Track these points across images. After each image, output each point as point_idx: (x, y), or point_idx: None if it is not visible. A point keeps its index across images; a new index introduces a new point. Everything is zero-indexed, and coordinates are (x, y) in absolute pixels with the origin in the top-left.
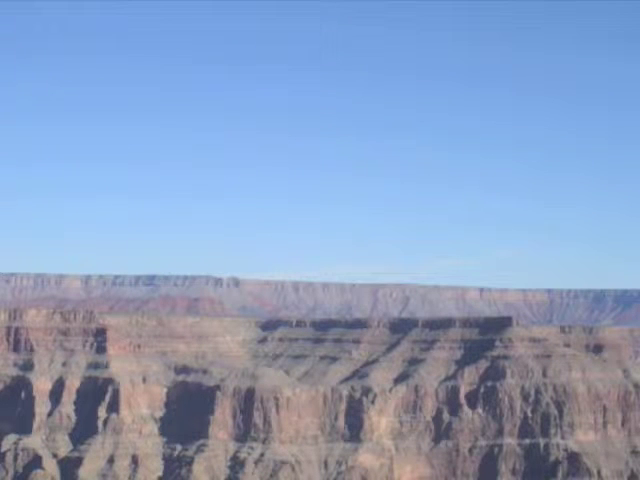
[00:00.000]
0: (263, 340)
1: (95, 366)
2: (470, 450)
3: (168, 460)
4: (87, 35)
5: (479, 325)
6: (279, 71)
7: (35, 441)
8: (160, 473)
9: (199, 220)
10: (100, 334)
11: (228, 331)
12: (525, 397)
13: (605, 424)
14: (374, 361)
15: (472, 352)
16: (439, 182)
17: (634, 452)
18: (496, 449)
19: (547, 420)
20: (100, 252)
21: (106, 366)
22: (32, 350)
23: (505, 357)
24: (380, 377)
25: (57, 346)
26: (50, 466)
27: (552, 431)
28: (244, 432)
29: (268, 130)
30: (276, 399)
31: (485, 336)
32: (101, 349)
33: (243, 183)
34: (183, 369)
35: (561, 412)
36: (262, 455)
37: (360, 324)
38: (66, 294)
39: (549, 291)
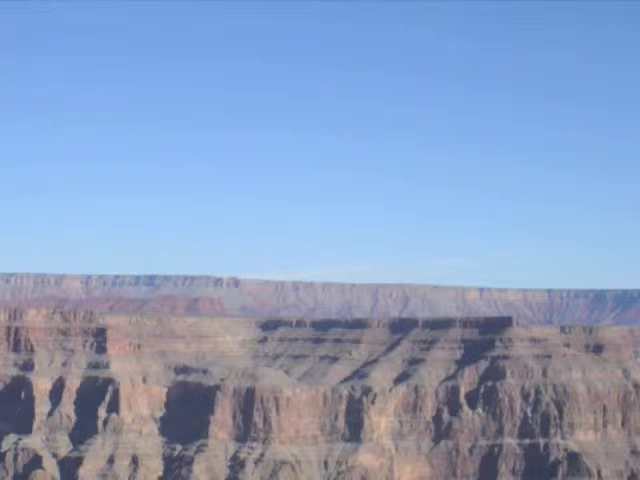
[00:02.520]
0: (263, 340)
1: (95, 366)
2: (470, 450)
3: (168, 460)
4: (86, 34)
5: (479, 325)
6: (279, 71)
7: (35, 441)
8: (160, 473)
9: (199, 220)
10: (100, 334)
11: (228, 331)
12: (525, 397)
13: (605, 424)
14: (374, 361)
15: (472, 352)
16: (439, 182)
17: (634, 452)
18: (496, 449)
19: (547, 420)
20: (100, 252)
21: (106, 366)
22: (32, 350)
23: (505, 357)
24: (380, 377)
25: (57, 346)
26: (50, 466)
27: (552, 431)
28: (244, 432)
29: (268, 130)
30: (276, 399)
31: (485, 336)
32: (101, 349)
33: (243, 183)
34: (183, 369)
35: (561, 412)
36: (262, 455)
37: (360, 324)
38: (66, 294)
39: (549, 291)
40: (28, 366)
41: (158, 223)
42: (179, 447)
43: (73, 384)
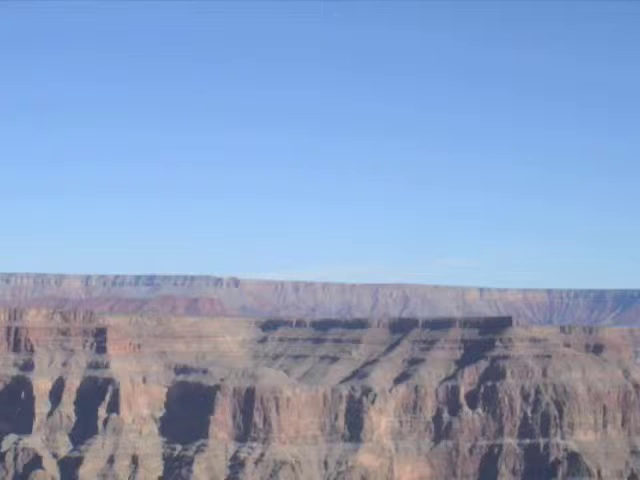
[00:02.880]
0: (263, 340)
1: (95, 366)
2: (470, 450)
3: (168, 460)
4: (86, 34)
5: (479, 325)
6: (279, 71)
7: (35, 441)
8: (160, 473)
9: (199, 220)
10: (100, 334)
11: (228, 331)
12: (525, 397)
13: (605, 424)
14: (374, 361)
15: (472, 352)
16: (439, 182)
17: (634, 452)
18: (496, 449)
19: (547, 420)
20: (100, 252)
21: (106, 366)
22: (32, 350)
23: (505, 357)
24: (380, 377)
25: (57, 346)
26: (50, 466)
27: (552, 431)
28: (244, 432)
29: (268, 130)
30: (276, 399)
31: (485, 336)
32: (101, 349)
33: (243, 183)
34: (183, 369)
35: (561, 412)
36: (262, 455)
37: (360, 324)
38: (66, 294)
39: (549, 291)
40: (28, 366)
41: (158, 223)
42: (179, 447)
43: (73, 384)
